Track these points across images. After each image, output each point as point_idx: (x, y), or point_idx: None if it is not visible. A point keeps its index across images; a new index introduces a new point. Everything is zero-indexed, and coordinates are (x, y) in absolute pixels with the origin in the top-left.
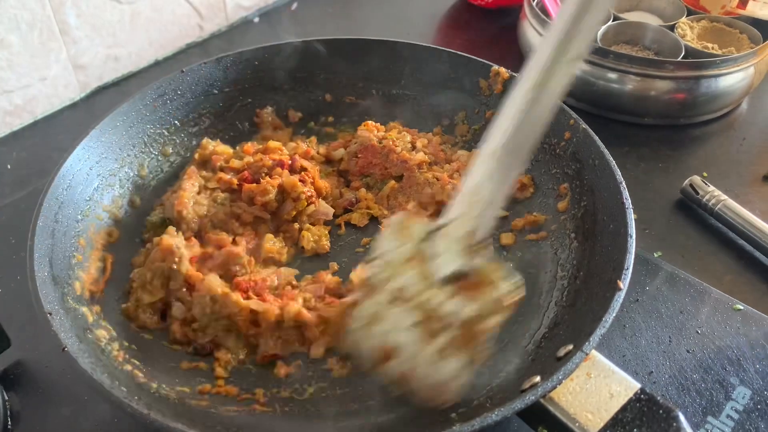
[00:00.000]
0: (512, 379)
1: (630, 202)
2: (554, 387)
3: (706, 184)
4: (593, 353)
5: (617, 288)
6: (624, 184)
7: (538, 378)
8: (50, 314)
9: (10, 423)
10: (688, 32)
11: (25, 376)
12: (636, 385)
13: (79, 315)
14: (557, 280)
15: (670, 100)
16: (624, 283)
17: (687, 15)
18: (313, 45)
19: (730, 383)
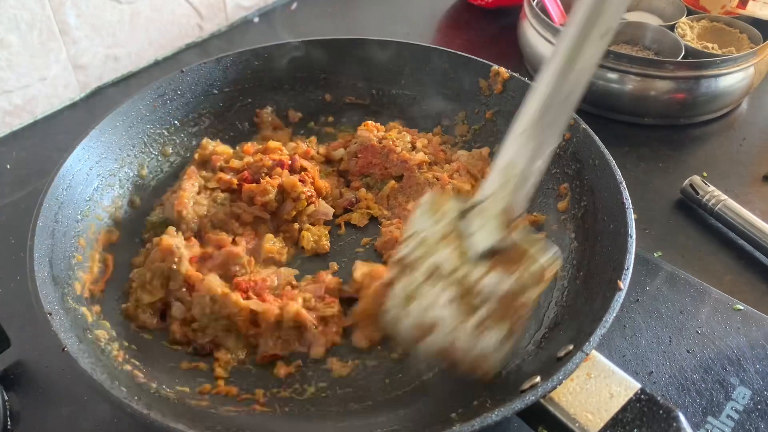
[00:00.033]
0: (512, 379)
1: (630, 202)
2: (554, 387)
3: (706, 184)
4: (593, 353)
5: (617, 288)
6: (624, 184)
7: (538, 378)
8: (50, 314)
9: (10, 423)
10: (688, 32)
11: (25, 376)
12: (636, 385)
13: (79, 315)
14: (557, 280)
15: (670, 100)
16: (624, 283)
17: (687, 15)
18: (313, 45)
19: (730, 383)
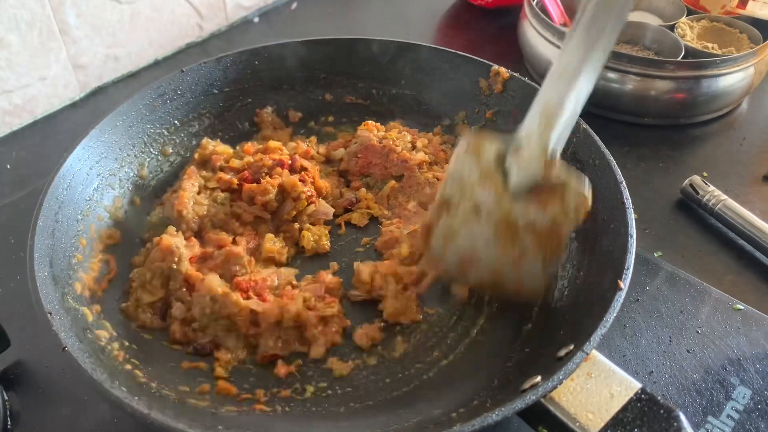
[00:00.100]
0: (512, 379)
1: (630, 201)
2: (555, 387)
3: (706, 183)
4: (594, 353)
5: (618, 288)
6: (624, 183)
7: (538, 378)
8: (50, 314)
9: (10, 423)
10: (688, 32)
11: (25, 376)
12: (636, 385)
13: (79, 315)
14: (557, 280)
15: (670, 100)
16: (624, 283)
17: (687, 15)
18: (313, 45)
19: (731, 383)
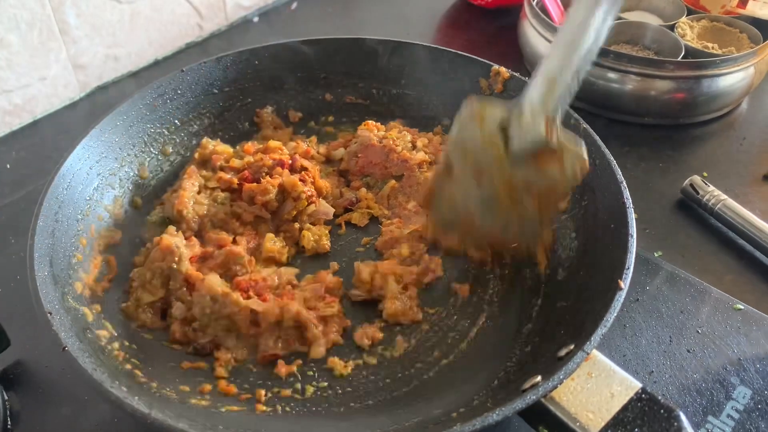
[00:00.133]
0: (513, 378)
1: (630, 201)
2: (555, 386)
3: (706, 183)
4: (594, 353)
5: (618, 287)
6: (624, 183)
7: (539, 377)
8: (50, 314)
9: (10, 423)
10: (688, 32)
11: (25, 376)
12: (637, 385)
13: (79, 314)
14: (558, 279)
15: (670, 100)
16: (625, 283)
17: (687, 14)
18: (313, 44)
19: (731, 383)
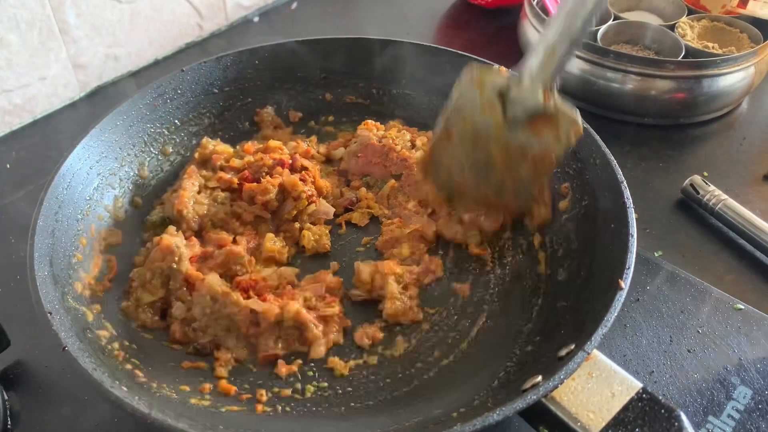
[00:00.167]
0: (513, 378)
1: (631, 201)
2: (556, 386)
3: (706, 183)
4: (594, 353)
5: (618, 287)
6: (625, 183)
7: (539, 377)
8: (50, 314)
9: (10, 423)
10: (688, 32)
11: (25, 376)
12: (637, 385)
13: (79, 314)
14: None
15: (670, 100)
16: (625, 283)
17: (687, 14)
18: (313, 44)
19: (731, 383)
